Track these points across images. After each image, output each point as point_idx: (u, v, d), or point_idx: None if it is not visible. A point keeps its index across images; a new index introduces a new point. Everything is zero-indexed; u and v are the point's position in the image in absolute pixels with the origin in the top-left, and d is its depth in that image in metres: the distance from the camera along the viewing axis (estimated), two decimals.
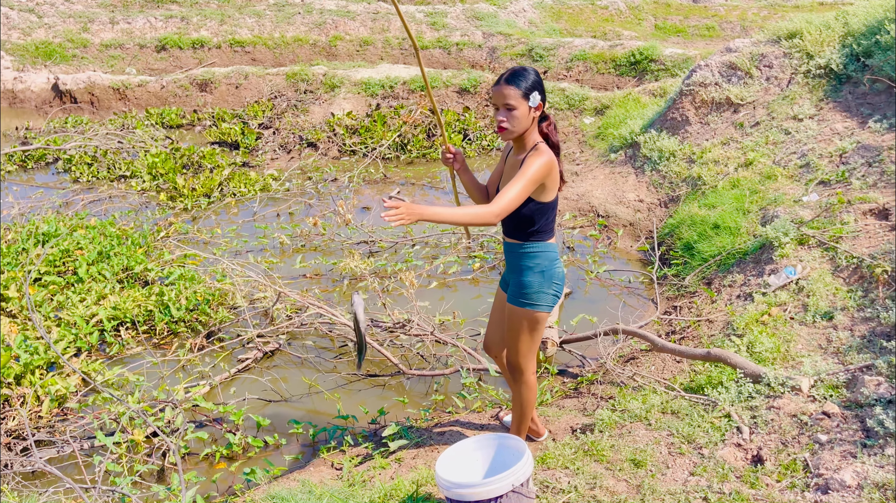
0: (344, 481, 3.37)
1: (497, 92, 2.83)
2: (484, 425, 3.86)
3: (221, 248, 6.31)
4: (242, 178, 7.95)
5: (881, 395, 2.99)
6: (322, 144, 9.26)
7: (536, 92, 2.81)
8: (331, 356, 4.83)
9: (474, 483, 2.41)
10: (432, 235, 6.37)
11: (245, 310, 5.04)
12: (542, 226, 2.95)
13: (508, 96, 2.78)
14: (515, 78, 2.80)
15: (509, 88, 2.78)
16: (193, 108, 11.14)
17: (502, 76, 2.83)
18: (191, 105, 11.27)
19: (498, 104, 2.83)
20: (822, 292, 4.02)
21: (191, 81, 11.51)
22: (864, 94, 5.92)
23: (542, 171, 2.77)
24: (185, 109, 11.08)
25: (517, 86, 2.78)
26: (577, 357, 4.61)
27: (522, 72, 2.83)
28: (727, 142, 6.45)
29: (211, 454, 3.85)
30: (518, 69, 2.85)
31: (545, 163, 2.79)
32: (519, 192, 2.72)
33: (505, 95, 2.79)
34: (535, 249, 2.98)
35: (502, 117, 2.82)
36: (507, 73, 2.83)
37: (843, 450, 2.81)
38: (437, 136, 9.17)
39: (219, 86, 11.29)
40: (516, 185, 2.72)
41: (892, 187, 4.63)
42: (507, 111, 2.80)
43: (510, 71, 2.84)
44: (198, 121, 10.72)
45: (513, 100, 2.78)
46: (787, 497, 2.67)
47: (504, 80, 2.81)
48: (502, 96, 2.80)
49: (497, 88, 2.82)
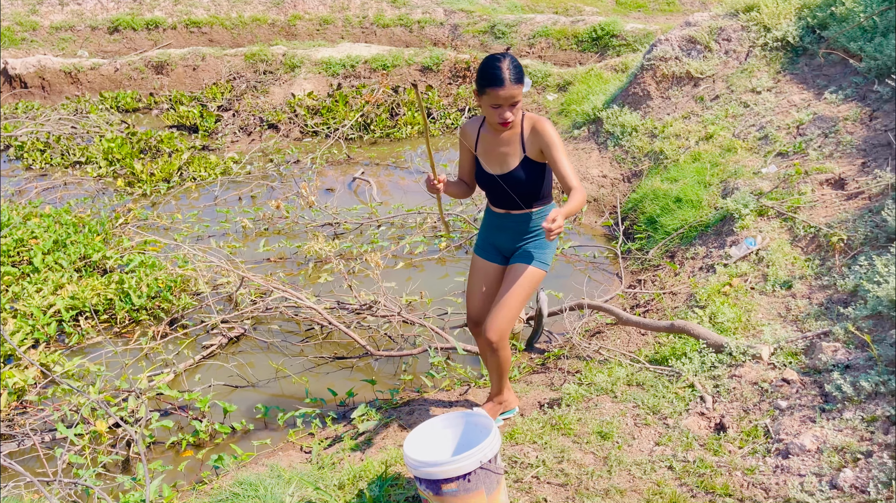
0: (313, 464, 3.35)
1: (504, 94, 2.81)
2: (453, 402, 3.86)
3: (183, 233, 6.20)
4: (202, 162, 7.79)
5: (838, 361, 3.06)
6: (283, 126, 9.12)
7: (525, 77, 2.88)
8: (297, 340, 4.78)
9: (442, 461, 2.41)
10: (398, 216, 6.33)
11: (208, 295, 4.96)
12: (549, 187, 3.11)
13: (516, 95, 2.82)
14: (519, 74, 2.81)
15: (517, 87, 2.81)
16: (149, 91, 10.87)
17: (504, 76, 2.79)
18: (147, 88, 10.99)
19: (504, 103, 2.83)
20: (781, 262, 4.09)
21: (146, 64, 11.22)
22: (819, 65, 6.01)
23: (557, 133, 2.93)
24: (140, 93, 10.80)
25: (521, 81, 2.82)
26: (544, 333, 4.63)
27: (518, 65, 2.84)
28: (688, 115, 6.50)
29: (177, 442, 3.80)
30: (515, 63, 2.83)
31: (553, 126, 2.94)
32: (569, 159, 2.91)
33: (514, 95, 2.81)
34: (546, 212, 3.12)
35: (509, 114, 2.86)
36: (510, 72, 2.79)
37: (802, 415, 2.88)
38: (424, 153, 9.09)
39: (175, 68, 11.02)
40: (562, 157, 2.87)
41: (847, 157, 4.72)
42: (513, 106, 2.85)
43: (511, 68, 2.80)
44: (154, 104, 10.47)
45: (519, 95, 2.83)
46: (748, 463, 2.72)
47: (513, 81, 2.80)
48: (511, 96, 2.81)
49: (504, 90, 2.80)
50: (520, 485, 2.80)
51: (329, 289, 5.27)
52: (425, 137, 3.11)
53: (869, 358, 2.97)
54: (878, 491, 2.30)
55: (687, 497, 2.61)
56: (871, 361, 2.94)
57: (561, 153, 2.90)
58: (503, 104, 2.83)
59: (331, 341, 4.74)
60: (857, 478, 2.42)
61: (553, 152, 2.90)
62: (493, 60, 2.83)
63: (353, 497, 2.79)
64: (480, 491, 2.46)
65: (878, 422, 2.63)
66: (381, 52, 10.48)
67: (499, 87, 2.80)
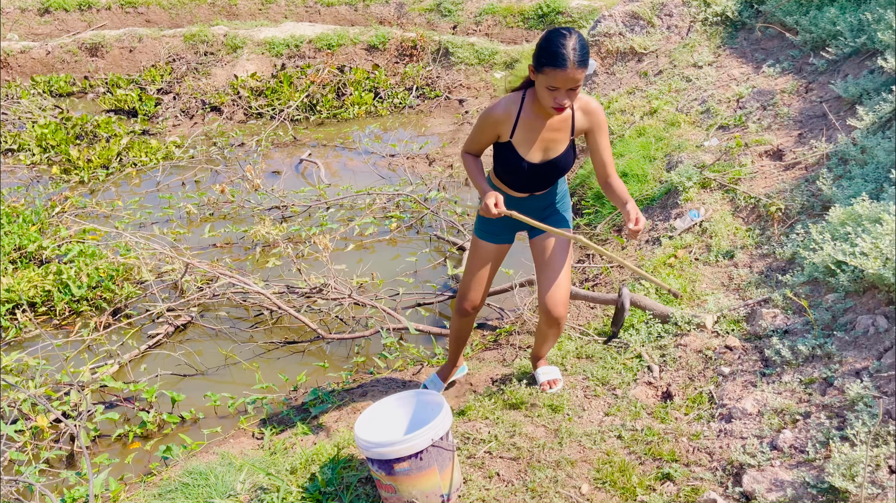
0: (265, 450, 3.32)
1: (566, 76, 2.46)
2: (407, 382, 3.86)
3: (124, 220, 6.01)
4: (143, 147, 7.55)
5: (777, 326, 3.15)
6: (226, 108, 8.89)
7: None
8: (246, 326, 4.71)
9: (393, 441, 2.41)
10: (347, 197, 6.25)
11: (153, 284, 4.83)
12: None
13: (579, 79, 2.49)
14: (585, 56, 2.46)
15: (580, 71, 2.47)
16: (84, 74, 10.45)
17: (569, 57, 2.43)
18: (81, 71, 10.56)
19: (563, 86, 2.49)
20: (724, 232, 4.19)
21: (79, 46, 10.77)
22: (757, 39, 6.13)
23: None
24: (75, 76, 10.37)
25: (586, 64, 2.49)
26: (495, 310, 4.66)
27: (585, 45, 2.49)
28: (633, 91, 6.57)
29: (124, 435, 3.71)
30: (582, 42, 2.47)
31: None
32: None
33: (576, 79, 2.48)
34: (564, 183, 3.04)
35: (566, 100, 2.53)
36: (576, 52, 2.44)
37: (744, 380, 2.96)
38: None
39: (111, 50, 10.61)
40: (608, 143, 2.77)
41: (784, 129, 4.84)
42: (573, 90, 2.53)
43: (578, 48, 2.44)
44: (90, 88, 10.08)
45: (581, 80, 2.51)
46: (694, 428, 2.79)
47: (577, 64, 2.45)
48: (573, 80, 2.48)
49: (566, 73, 2.45)
50: (472, 461, 2.82)
51: (278, 274, 5.19)
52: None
53: (806, 322, 3.06)
54: (815, 450, 2.39)
55: (635, 465, 2.66)
56: (808, 326, 3.03)
57: (607, 138, 2.77)
58: (561, 87, 2.49)
59: (281, 326, 4.68)
60: (795, 438, 2.50)
61: (602, 137, 2.74)
62: (559, 37, 2.46)
63: (305, 481, 2.76)
64: (433, 468, 2.47)
65: (815, 383, 2.72)
66: (325, 31, 10.28)
67: (561, 68, 2.45)
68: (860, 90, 4.48)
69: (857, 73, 4.79)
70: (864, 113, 4.14)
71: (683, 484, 2.51)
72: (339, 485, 2.70)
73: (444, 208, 5.88)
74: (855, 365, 2.67)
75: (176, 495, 2.84)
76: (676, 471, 2.56)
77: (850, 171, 3.89)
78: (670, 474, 2.55)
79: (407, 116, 8.80)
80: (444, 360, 4.05)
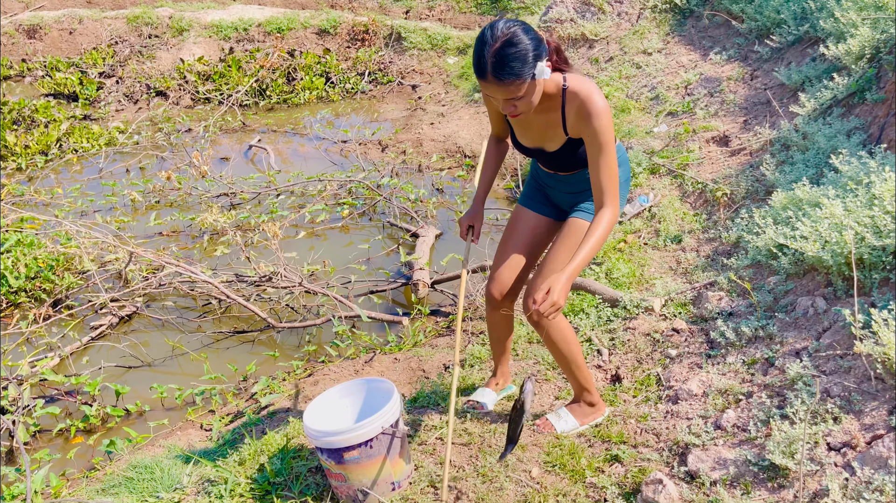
0: (213, 442, 3.26)
1: (488, 89, 2.12)
2: (358, 371, 3.83)
3: (64, 209, 5.81)
4: (84, 133, 7.30)
5: (723, 309, 3.22)
6: (172, 93, 8.65)
7: (539, 61, 2.08)
8: (194, 316, 4.60)
9: (343, 429, 2.38)
10: (297, 184, 6.15)
11: (95, 273, 4.68)
12: None
13: (509, 93, 2.10)
14: (506, 68, 2.04)
15: (504, 87, 2.07)
16: (21, 57, 10.03)
17: (484, 67, 2.05)
18: (18, 54, 10.13)
19: (492, 95, 2.14)
20: (672, 217, 4.25)
21: (16, 27, 10.33)
22: (705, 27, 6.23)
23: (610, 116, 2.24)
24: (11, 59, 9.96)
25: (516, 76, 2.05)
26: (448, 296, 4.65)
27: (512, 53, 2.03)
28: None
29: (65, 429, 3.60)
30: (504, 49, 2.03)
31: (607, 105, 2.23)
32: (613, 162, 2.24)
33: (504, 93, 2.10)
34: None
35: (510, 109, 2.17)
36: (491, 62, 2.04)
37: (690, 362, 3.01)
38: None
39: (49, 31, 10.20)
40: (603, 160, 2.23)
41: (731, 115, 4.93)
42: (514, 100, 2.14)
43: (494, 56, 2.03)
44: (28, 71, 9.69)
45: (517, 92, 2.10)
46: (642, 410, 2.83)
47: (495, 76, 2.05)
48: (496, 92, 2.11)
49: (484, 83, 2.10)
50: (424, 448, 2.81)
51: (226, 262, 5.09)
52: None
53: (749, 305, 3.13)
54: (757, 429, 2.45)
55: (584, 447, 2.69)
56: (752, 308, 3.10)
57: (603, 154, 2.22)
58: (492, 95, 2.15)
59: (230, 315, 4.59)
60: (738, 417, 2.56)
61: (591, 148, 2.24)
62: (481, 39, 2.07)
63: (254, 472, 2.72)
64: (383, 456, 2.45)
65: (757, 364, 2.78)
66: (275, 14, 10.07)
67: (480, 78, 2.10)
68: (803, 77, 4.59)
69: (799, 61, 4.90)
70: (806, 100, 4.24)
71: (631, 465, 2.55)
72: (289, 476, 2.67)
73: (397, 195, 5.83)
74: (795, 345, 2.74)
75: (120, 490, 2.76)
76: (624, 452, 2.60)
77: (791, 156, 3.99)
78: (618, 456, 2.59)
79: (359, 102, 8.70)
80: (396, 349, 4.03)
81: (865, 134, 3.72)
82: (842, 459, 2.18)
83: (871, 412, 2.28)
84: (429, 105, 7.95)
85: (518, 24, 2.08)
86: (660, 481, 2.34)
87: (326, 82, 8.88)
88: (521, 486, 2.52)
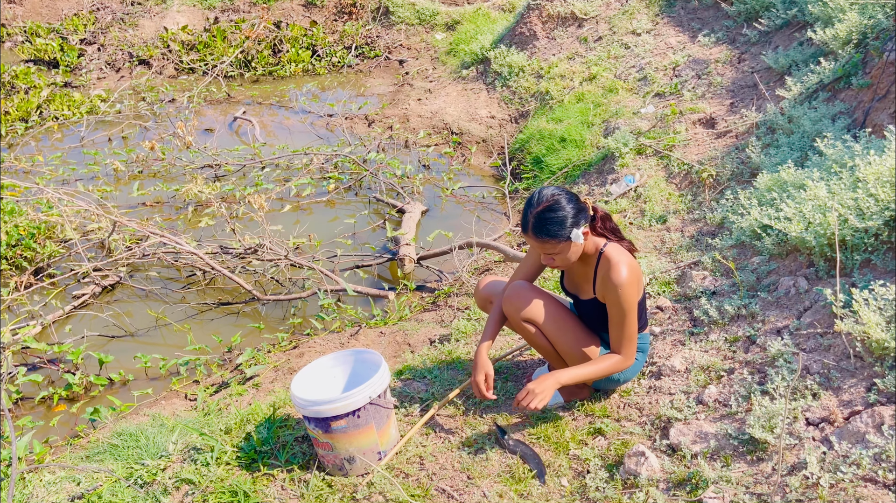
0: (199, 411, 3.26)
1: (527, 239, 2.43)
2: (344, 344, 3.84)
3: (45, 177, 5.73)
4: (65, 100, 7.18)
5: (706, 288, 3.26)
6: (156, 62, 8.52)
7: (576, 228, 2.37)
8: (178, 287, 4.58)
9: (331, 399, 2.39)
10: (283, 157, 6.10)
11: (77, 242, 4.64)
12: (639, 321, 2.59)
13: (546, 249, 2.42)
14: (544, 230, 2.37)
15: (542, 242, 2.40)
16: (1, 22, 9.81)
17: (527, 221, 2.39)
18: None
19: (533, 246, 2.47)
20: (657, 198, 4.29)
21: None
22: (694, 9, 6.23)
23: (636, 287, 2.45)
24: None
25: (551, 236, 2.37)
26: (434, 272, 4.67)
27: (550, 215, 2.35)
28: (573, 56, 6.60)
29: (48, 397, 3.58)
30: (543, 212, 2.35)
31: (632, 278, 2.43)
32: (632, 325, 2.47)
33: (542, 248, 2.42)
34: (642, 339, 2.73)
35: (549, 261, 2.48)
36: (532, 220, 2.37)
37: (673, 339, 3.06)
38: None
39: None
40: (626, 322, 2.45)
41: (717, 98, 4.96)
42: (552, 256, 2.46)
43: (535, 217, 2.36)
44: (7, 36, 9.48)
45: (553, 249, 2.41)
46: (625, 386, 2.88)
47: (534, 234, 2.39)
48: (535, 245, 2.44)
49: (526, 236, 2.42)
50: (410, 419, 2.84)
51: (211, 234, 5.06)
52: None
53: (733, 284, 3.18)
54: (738, 404, 2.50)
55: (569, 420, 2.73)
56: (735, 287, 3.15)
57: (624, 320, 2.45)
58: (533, 247, 2.47)
59: (214, 287, 4.57)
60: (720, 393, 2.61)
61: (613, 314, 2.47)
62: (530, 199, 2.41)
63: (240, 440, 2.73)
64: (370, 426, 2.47)
65: (739, 341, 2.83)
66: None
67: (523, 232, 2.43)
68: (789, 61, 4.62)
69: (787, 45, 4.93)
70: (793, 83, 4.27)
71: (614, 438, 2.59)
72: (275, 444, 2.68)
73: (383, 170, 5.81)
74: (776, 323, 2.79)
75: (105, 457, 2.77)
76: (608, 426, 2.64)
77: (777, 139, 4.02)
78: (601, 429, 2.63)
79: (346, 76, 8.62)
80: (381, 323, 4.05)
81: (850, 118, 3.76)
82: (820, 434, 2.24)
83: (849, 389, 2.33)
84: (416, 80, 7.90)
85: (564, 193, 2.39)
86: (642, 453, 2.38)
87: (313, 55, 8.79)
88: (506, 457, 2.56)
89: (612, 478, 2.40)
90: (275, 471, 2.56)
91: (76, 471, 2.65)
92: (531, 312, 2.62)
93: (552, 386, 2.45)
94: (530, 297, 2.63)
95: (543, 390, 2.44)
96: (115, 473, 2.57)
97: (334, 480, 2.50)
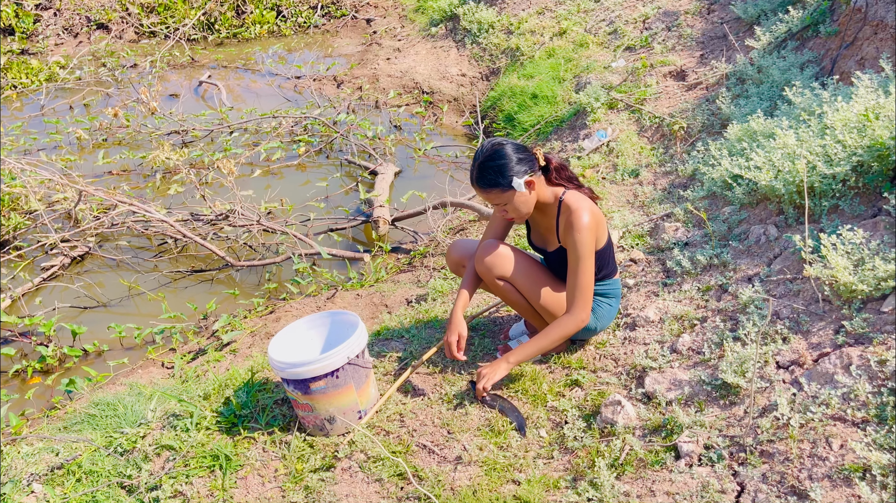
0: (176, 379, 3.24)
1: (477, 192, 2.50)
2: (320, 307, 3.83)
3: (6, 147, 5.56)
4: (23, 68, 6.95)
5: (678, 239, 3.30)
6: (114, 26, 8.26)
7: (517, 177, 2.41)
8: (149, 255, 4.52)
9: (309, 360, 2.39)
10: (251, 121, 5.99)
11: (43, 213, 4.54)
12: (605, 268, 2.66)
13: (492, 199, 2.48)
14: (484, 178, 2.42)
15: (486, 193, 2.46)
16: None
17: (472, 173, 2.45)
18: None
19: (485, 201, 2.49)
20: (630, 152, 4.29)
21: None
22: None
23: (594, 233, 2.46)
24: None
25: (492, 185, 2.42)
26: (409, 233, 4.65)
27: (490, 164, 2.40)
28: (542, 11, 6.52)
29: (22, 370, 3.54)
30: (485, 162, 2.41)
31: (592, 223, 2.45)
32: (585, 274, 2.45)
33: (489, 199, 2.48)
34: (604, 288, 2.72)
35: (503, 213, 2.55)
36: (475, 171, 2.44)
37: (647, 290, 3.10)
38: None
39: None
40: (580, 269, 2.44)
41: (688, 50, 4.95)
42: (503, 207, 2.51)
43: (478, 166, 2.42)
44: None
45: (499, 199, 2.46)
46: (600, 337, 2.91)
47: (478, 184, 2.45)
48: (484, 198, 2.50)
49: (475, 189, 2.48)
50: (388, 378, 2.85)
51: (181, 201, 4.98)
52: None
53: (704, 234, 3.22)
54: (711, 351, 2.54)
55: (545, 373, 2.77)
56: (706, 237, 3.19)
57: (580, 264, 2.44)
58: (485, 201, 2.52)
59: (187, 255, 4.52)
60: (693, 341, 2.65)
61: (571, 258, 2.47)
62: (475, 154, 2.47)
63: (219, 405, 2.73)
64: (349, 386, 2.48)
65: (711, 290, 2.88)
66: None
67: (472, 184, 2.50)
68: (759, 11, 4.61)
69: None
70: (762, 33, 4.27)
71: (590, 388, 2.63)
72: (255, 408, 2.68)
73: (354, 132, 5.74)
74: (748, 271, 2.83)
75: (83, 427, 2.75)
76: (584, 377, 2.68)
77: (747, 90, 4.04)
78: (578, 380, 2.67)
79: (312, 36, 8.44)
80: (357, 285, 4.04)
81: (818, 66, 3.78)
82: (790, 376, 2.29)
83: (818, 332, 2.38)
84: (384, 40, 7.77)
85: (509, 143, 2.43)
86: (618, 402, 2.42)
87: (278, 16, 8.58)
88: (486, 412, 2.59)
89: (589, 427, 2.44)
90: (255, 433, 2.56)
91: (55, 441, 2.63)
92: (503, 269, 2.63)
93: (504, 368, 2.56)
94: (501, 255, 2.64)
95: (490, 372, 2.55)
96: (95, 442, 2.56)
97: (315, 440, 2.52)
